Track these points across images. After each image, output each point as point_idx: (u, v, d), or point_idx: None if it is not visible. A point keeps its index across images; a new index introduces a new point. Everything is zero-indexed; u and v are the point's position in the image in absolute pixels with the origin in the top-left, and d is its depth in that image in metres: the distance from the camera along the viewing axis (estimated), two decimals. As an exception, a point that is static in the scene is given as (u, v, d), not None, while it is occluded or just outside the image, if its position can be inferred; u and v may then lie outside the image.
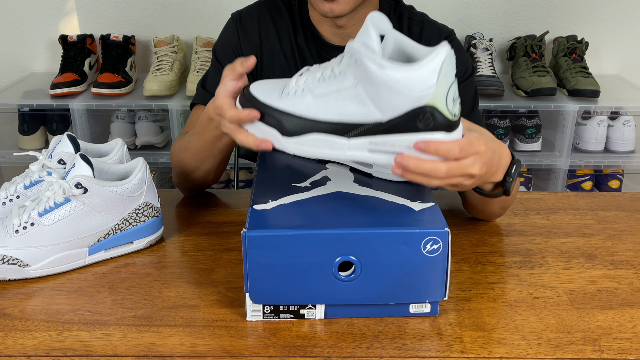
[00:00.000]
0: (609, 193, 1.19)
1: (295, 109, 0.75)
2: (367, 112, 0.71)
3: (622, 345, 0.75)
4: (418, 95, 0.68)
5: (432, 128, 0.70)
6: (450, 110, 0.70)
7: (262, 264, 0.74)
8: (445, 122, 0.70)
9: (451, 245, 0.75)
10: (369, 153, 0.74)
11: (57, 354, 0.73)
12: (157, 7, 2.31)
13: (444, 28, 1.17)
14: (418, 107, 0.69)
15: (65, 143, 0.94)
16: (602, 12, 2.31)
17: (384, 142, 0.72)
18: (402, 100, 0.69)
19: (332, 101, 0.73)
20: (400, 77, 0.67)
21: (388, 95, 0.69)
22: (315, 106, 0.74)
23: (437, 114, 0.69)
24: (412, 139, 0.71)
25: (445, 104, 0.69)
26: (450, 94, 0.69)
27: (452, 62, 0.68)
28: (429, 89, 0.68)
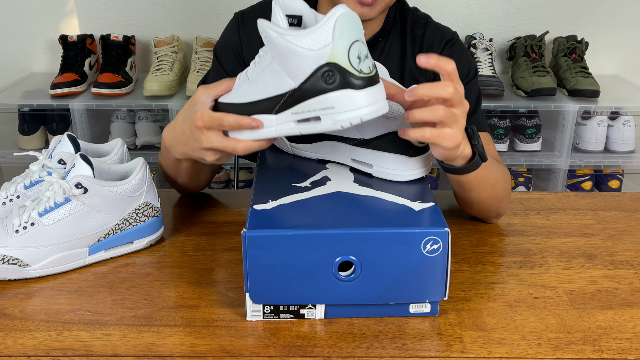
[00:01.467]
0: (609, 193, 1.19)
1: (239, 98, 0.81)
2: (282, 82, 0.74)
3: (622, 345, 0.75)
4: (317, 54, 0.70)
5: (338, 85, 0.71)
6: (356, 67, 0.71)
7: (262, 264, 0.74)
8: (351, 77, 0.71)
9: (451, 245, 0.75)
10: (295, 125, 0.76)
11: (57, 354, 0.73)
12: (157, 7, 2.31)
13: (446, 30, 1.17)
14: (320, 66, 0.71)
15: (65, 143, 0.95)
16: (602, 12, 2.31)
17: (302, 108, 0.74)
18: (306, 62, 0.71)
19: (259, 81, 0.77)
20: (299, 40, 0.70)
21: (293, 60, 0.71)
22: (249, 90, 0.79)
23: (339, 70, 0.70)
24: (322, 99, 0.72)
25: (347, 60, 0.70)
26: (354, 51, 0.70)
27: (350, 22, 0.70)
28: (326, 47, 0.69)
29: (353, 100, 0.71)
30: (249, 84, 0.79)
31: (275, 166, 0.94)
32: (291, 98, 0.74)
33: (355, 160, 0.91)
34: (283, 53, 0.72)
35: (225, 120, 0.81)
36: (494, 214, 1.04)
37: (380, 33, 1.14)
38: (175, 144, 0.93)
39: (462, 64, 1.14)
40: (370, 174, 0.89)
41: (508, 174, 1.04)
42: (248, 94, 0.79)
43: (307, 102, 0.73)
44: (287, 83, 0.74)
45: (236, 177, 1.60)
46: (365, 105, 0.72)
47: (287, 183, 0.86)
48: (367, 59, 0.72)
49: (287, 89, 0.74)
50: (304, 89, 0.73)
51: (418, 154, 0.87)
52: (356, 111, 0.72)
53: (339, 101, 0.71)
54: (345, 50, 0.70)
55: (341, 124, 0.72)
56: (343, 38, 0.69)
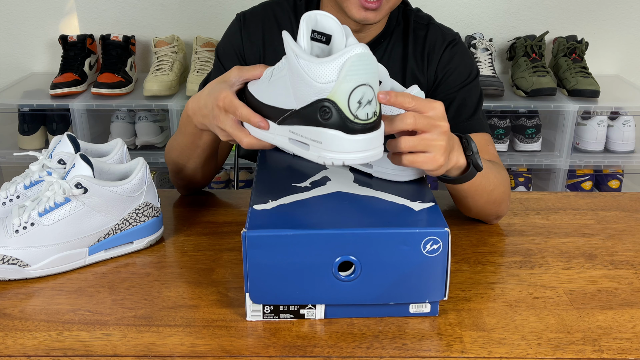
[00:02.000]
0: (609, 193, 1.19)
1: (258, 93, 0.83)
2: (288, 99, 0.76)
3: (622, 345, 0.75)
4: (321, 87, 0.70)
5: (331, 123, 0.71)
6: (353, 111, 0.70)
7: (262, 264, 0.74)
8: (344, 120, 0.71)
9: (451, 245, 0.75)
10: (289, 142, 0.78)
11: (57, 354, 0.73)
12: (157, 7, 2.31)
13: (448, 32, 1.17)
14: (319, 99, 0.71)
15: (65, 143, 0.95)
16: (602, 12, 2.31)
17: (297, 131, 0.76)
18: (309, 91, 0.72)
19: (274, 87, 0.79)
20: (309, 67, 0.71)
21: (300, 84, 0.72)
22: (266, 91, 0.81)
23: (336, 109, 0.70)
24: (314, 130, 0.73)
25: (347, 102, 0.70)
26: (356, 96, 0.70)
27: (361, 64, 0.69)
28: (329, 83, 0.70)
29: (341, 143, 0.71)
30: (269, 84, 0.81)
31: (275, 166, 0.94)
32: (291, 117, 0.76)
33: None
34: (294, 73, 0.73)
35: (239, 111, 0.84)
36: (494, 216, 1.04)
37: (382, 34, 1.14)
38: (198, 113, 0.94)
39: (463, 66, 1.13)
40: (370, 174, 0.89)
41: (507, 177, 1.03)
42: (264, 93, 0.81)
43: (303, 127, 0.75)
44: (291, 102, 0.76)
45: (236, 177, 1.60)
46: (351, 151, 0.72)
47: (287, 183, 0.86)
48: (369, 104, 0.71)
49: (290, 107, 0.76)
50: (302, 114, 0.74)
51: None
52: (341, 154, 0.72)
53: (327, 139, 0.72)
54: (347, 93, 0.70)
55: (324, 160, 0.73)
56: (348, 80, 0.69)
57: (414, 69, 1.14)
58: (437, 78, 1.14)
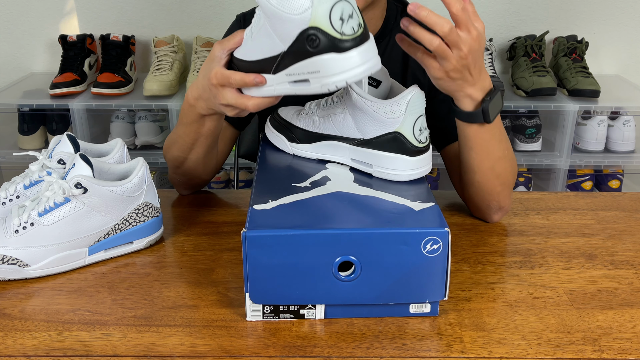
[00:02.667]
0: (609, 193, 1.19)
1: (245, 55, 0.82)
2: (274, 44, 0.75)
3: (622, 345, 0.75)
4: (299, 18, 0.70)
5: (322, 49, 0.71)
6: (337, 29, 0.70)
7: (262, 264, 0.74)
8: (332, 41, 0.70)
9: (451, 245, 0.75)
10: (290, 85, 0.77)
11: (57, 354, 0.73)
12: (157, 7, 2.31)
13: None
14: (303, 31, 0.71)
15: (65, 143, 0.94)
16: (602, 12, 2.31)
17: (293, 71, 0.75)
18: (290, 26, 0.71)
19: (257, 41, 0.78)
20: (282, 4, 0.71)
21: (279, 24, 0.72)
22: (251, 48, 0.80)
23: (322, 34, 0.70)
24: (308, 62, 0.73)
25: (329, 23, 0.70)
26: (336, 13, 0.70)
27: None
28: (306, 11, 0.70)
29: (337, 64, 0.71)
30: (252, 41, 0.80)
31: (275, 166, 0.94)
32: (283, 60, 0.75)
33: (355, 160, 0.91)
34: (270, 17, 0.73)
35: (232, 79, 0.83)
36: (495, 201, 1.01)
37: (381, 33, 1.14)
38: (200, 99, 0.94)
39: None
40: (370, 174, 0.89)
41: (515, 162, 1.03)
42: (251, 52, 0.80)
43: (297, 64, 0.74)
44: (278, 46, 0.75)
45: (236, 177, 1.60)
46: (350, 68, 0.71)
47: (287, 183, 0.86)
48: (351, 18, 0.71)
49: (279, 51, 0.75)
50: (292, 52, 0.73)
51: (418, 154, 0.87)
52: (341, 74, 0.72)
53: (323, 65, 0.72)
54: (326, 13, 0.70)
55: (328, 87, 0.73)
56: (322, 1, 0.69)
57: (415, 69, 1.14)
58: None
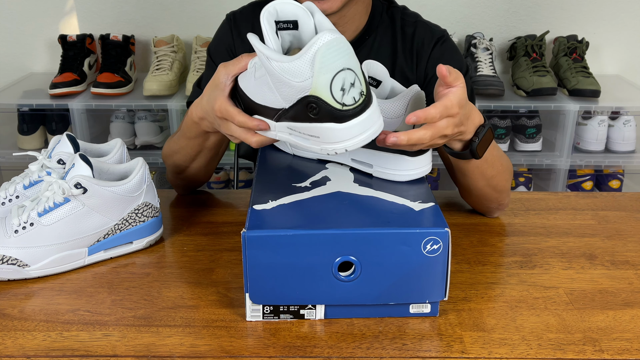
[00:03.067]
0: (610, 193, 1.19)
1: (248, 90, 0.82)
2: (276, 98, 0.75)
3: (622, 346, 0.75)
4: (299, 85, 0.69)
5: (321, 117, 0.70)
6: (339, 100, 0.69)
7: (262, 264, 0.74)
8: (332, 111, 0.69)
9: (451, 246, 0.75)
10: (289, 136, 0.78)
11: (57, 354, 0.73)
12: (156, 7, 2.31)
13: (436, 28, 1.17)
14: (303, 97, 0.70)
15: (64, 143, 0.94)
16: (603, 12, 2.31)
17: (294, 127, 0.75)
18: (291, 90, 0.71)
19: (259, 86, 0.78)
20: (282, 68, 0.69)
21: (280, 85, 0.72)
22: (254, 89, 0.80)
23: (322, 103, 0.69)
24: (309, 126, 0.72)
25: (330, 93, 0.68)
26: (337, 83, 0.68)
27: (333, 51, 0.68)
28: (307, 80, 0.69)
29: (337, 134, 0.71)
30: (255, 82, 0.80)
31: (275, 166, 0.94)
32: (285, 115, 0.76)
33: (355, 160, 0.91)
34: (272, 75, 0.72)
35: (236, 119, 0.84)
36: (495, 203, 1.03)
37: (366, 30, 1.14)
38: (205, 119, 0.95)
39: (454, 62, 1.13)
40: (370, 174, 0.89)
41: (510, 166, 1.04)
42: (254, 92, 0.80)
43: (297, 124, 0.74)
44: (279, 101, 0.75)
45: (236, 177, 1.60)
46: (350, 138, 0.71)
47: (287, 183, 0.86)
48: (353, 87, 0.69)
49: (280, 106, 0.75)
50: (292, 112, 0.74)
51: (418, 154, 0.87)
52: (341, 143, 0.72)
53: (323, 133, 0.72)
54: (327, 84, 0.68)
55: (327, 152, 0.73)
56: (324, 71, 0.68)
57: (403, 66, 1.13)
58: (428, 75, 1.13)
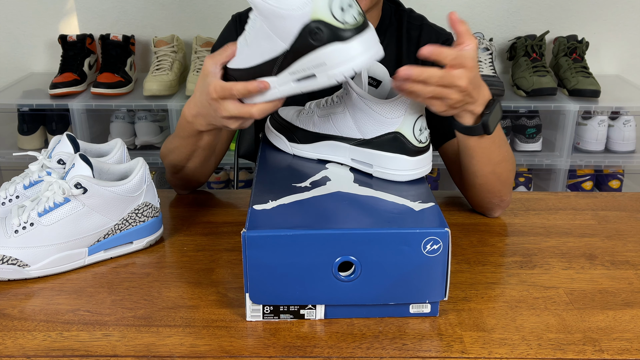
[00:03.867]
0: (610, 193, 1.19)
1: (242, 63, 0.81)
2: (275, 44, 0.75)
3: (622, 346, 0.75)
4: (300, 13, 0.71)
5: (326, 41, 0.72)
6: (339, 19, 0.71)
7: (262, 264, 0.74)
8: (336, 32, 0.71)
9: (451, 246, 0.75)
10: (295, 84, 0.77)
11: (57, 354, 0.73)
12: (157, 7, 2.31)
13: (442, 31, 1.17)
14: (305, 25, 0.72)
15: (64, 143, 0.94)
16: (603, 12, 2.31)
17: (298, 68, 0.75)
18: (291, 23, 0.72)
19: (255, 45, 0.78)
20: (280, 2, 0.72)
21: (279, 22, 0.73)
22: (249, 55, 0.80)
23: (324, 26, 0.71)
24: (313, 56, 0.73)
25: (330, 14, 0.71)
26: (336, 3, 0.71)
27: None
28: (306, 5, 0.71)
29: (342, 53, 0.72)
30: (248, 47, 0.80)
31: (275, 166, 0.94)
32: (286, 59, 0.75)
33: (355, 160, 0.91)
34: (269, 17, 0.73)
35: (234, 90, 0.83)
36: (497, 198, 1.03)
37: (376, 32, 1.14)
38: (198, 117, 0.94)
39: None
40: (371, 174, 0.89)
41: (513, 158, 1.05)
42: (248, 58, 0.80)
43: (301, 60, 0.74)
44: (279, 45, 0.75)
45: (236, 177, 1.60)
46: (355, 56, 0.72)
47: (287, 183, 0.86)
48: (351, 7, 0.72)
49: (280, 50, 0.75)
50: (295, 49, 0.74)
51: (418, 154, 0.87)
52: (347, 63, 0.73)
53: (328, 57, 0.72)
54: (327, 5, 0.70)
55: (335, 78, 0.73)
56: None
57: None
58: None
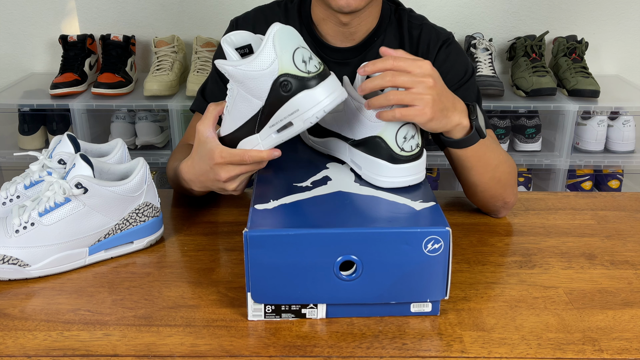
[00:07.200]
0: (609, 193, 1.19)
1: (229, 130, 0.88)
2: (252, 104, 0.83)
3: (621, 345, 0.75)
4: (269, 71, 0.79)
5: (295, 90, 0.79)
6: (303, 70, 0.79)
7: (264, 263, 0.74)
8: (302, 81, 0.79)
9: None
10: (276, 135, 0.83)
11: (57, 354, 0.73)
12: (157, 7, 2.31)
13: (442, 31, 1.17)
14: (275, 80, 0.79)
15: (65, 143, 0.94)
16: (602, 12, 2.31)
17: (275, 120, 0.82)
18: (263, 81, 0.80)
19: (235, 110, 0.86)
20: (250, 66, 0.79)
21: (253, 83, 0.80)
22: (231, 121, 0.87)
23: (291, 78, 0.78)
24: (286, 106, 0.80)
25: (295, 67, 0.78)
26: (298, 58, 0.79)
27: (286, 35, 0.79)
28: (273, 63, 0.78)
29: (311, 99, 0.79)
30: (230, 115, 0.87)
31: (276, 166, 0.94)
32: (263, 114, 0.82)
33: (352, 160, 0.91)
34: (243, 81, 0.81)
35: (247, 155, 0.86)
36: (500, 201, 1.04)
37: (375, 32, 1.14)
38: (196, 181, 0.98)
39: (459, 64, 1.13)
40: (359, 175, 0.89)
41: (512, 161, 1.05)
42: (232, 123, 0.87)
43: (277, 113, 0.81)
44: (256, 103, 0.82)
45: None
46: (323, 98, 0.79)
47: (288, 183, 0.86)
48: (311, 60, 0.80)
49: (258, 108, 0.82)
50: (269, 103, 0.81)
51: (403, 162, 0.85)
52: (317, 106, 0.79)
53: (300, 103, 0.79)
54: (290, 59, 0.78)
55: (310, 121, 0.80)
56: (285, 50, 0.78)
57: None
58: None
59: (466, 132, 0.92)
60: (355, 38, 1.14)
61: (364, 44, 1.14)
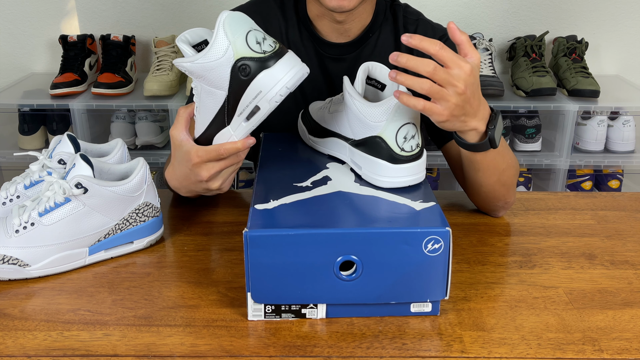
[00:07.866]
0: (609, 193, 1.19)
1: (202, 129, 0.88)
2: (217, 96, 0.83)
3: (622, 345, 0.75)
4: (226, 58, 0.79)
5: (254, 72, 0.79)
6: (258, 51, 0.79)
7: (264, 263, 0.74)
8: (259, 62, 0.79)
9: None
10: (246, 123, 0.83)
11: (57, 354, 0.73)
12: (157, 7, 2.31)
13: (438, 27, 1.18)
14: (233, 65, 0.79)
15: (65, 143, 0.94)
16: (602, 12, 2.31)
17: (242, 107, 0.82)
18: (222, 69, 0.79)
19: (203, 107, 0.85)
20: (206, 57, 0.79)
21: (212, 74, 0.80)
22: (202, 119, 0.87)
23: (248, 60, 0.79)
24: (249, 90, 0.80)
25: (248, 49, 0.78)
26: (251, 40, 0.79)
27: (235, 20, 0.79)
28: (228, 49, 0.78)
29: (271, 77, 0.79)
30: (199, 114, 0.87)
31: (276, 166, 0.94)
32: (229, 104, 0.82)
33: (352, 160, 0.91)
34: (203, 75, 0.81)
35: (222, 149, 0.85)
36: (501, 202, 1.04)
37: (370, 28, 1.15)
38: (180, 187, 0.98)
39: None
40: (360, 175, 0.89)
41: (517, 161, 1.05)
42: (203, 122, 0.87)
43: (242, 99, 0.81)
44: (220, 95, 0.82)
45: (236, 177, 1.60)
46: (283, 75, 0.79)
47: (288, 183, 0.86)
48: (265, 40, 0.80)
49: (223, 98, 0.82)
50: (233, 90, 0.81)
51: (402, 162, 0.85)
52: (279, 84, 0.79)
53: (261, 84, 0.79)
54: (243, 42, 0.78)
55: (275, 100, 0.80)
56: (237, 35, 0.78)
57: None
58: None
59: (480, 138, 0.91)
60: (350, 34, 1.14)
61: (360, 40, 1.15)
